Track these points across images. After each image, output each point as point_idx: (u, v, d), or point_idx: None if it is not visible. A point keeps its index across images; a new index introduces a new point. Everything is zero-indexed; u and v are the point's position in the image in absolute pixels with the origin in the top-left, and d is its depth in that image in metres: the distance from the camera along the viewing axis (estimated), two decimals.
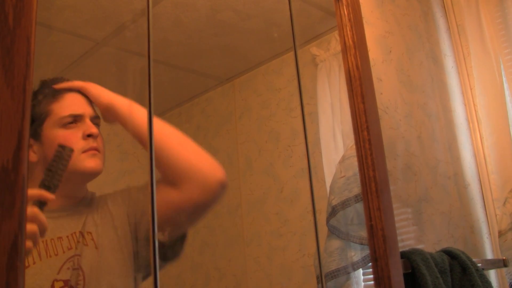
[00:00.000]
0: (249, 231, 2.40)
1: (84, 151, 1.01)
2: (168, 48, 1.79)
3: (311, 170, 1.28)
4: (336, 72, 2.11)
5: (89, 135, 1.02)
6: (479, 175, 1.90)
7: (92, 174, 1.04)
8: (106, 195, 1.11)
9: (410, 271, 1.24)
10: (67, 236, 0.99)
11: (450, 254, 1.39)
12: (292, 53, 2.35)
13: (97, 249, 1.01)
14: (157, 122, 1.04)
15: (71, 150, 0.95)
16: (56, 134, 1.00)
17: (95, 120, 1.06)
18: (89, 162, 1.01)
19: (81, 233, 1.01)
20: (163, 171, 1.03)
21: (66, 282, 0.94)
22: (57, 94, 1.04)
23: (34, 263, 0.92)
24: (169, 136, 1.06)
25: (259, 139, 2.42)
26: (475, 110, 1.95)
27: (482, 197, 1.88)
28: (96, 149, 1.02)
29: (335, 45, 2.15)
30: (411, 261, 1.25)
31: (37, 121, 1.00)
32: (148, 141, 0.94)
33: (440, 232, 1.63)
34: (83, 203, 1.07)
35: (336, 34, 2.15)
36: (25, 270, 0.75)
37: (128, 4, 1.59)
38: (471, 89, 1.97)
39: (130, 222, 1.05)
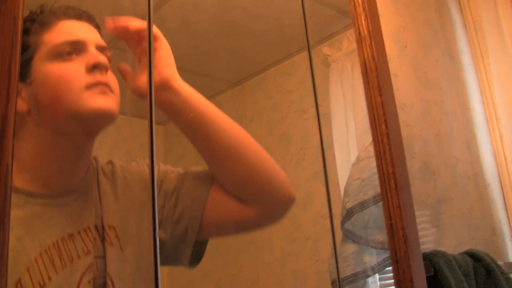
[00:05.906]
0: (261, 237, 2.35)
1: (89, 87, 0.74)
2: (175, 51, 1.74)
3: (327, 173, 1.23)
4: (348, 72, 2.05)
5: (95, 66, 0.75)
6: (499, 175, 1.84)
7: (102, 117, 0.75)
8: (126, 168, 0.87)
9: (432, 273, 1.19)
10: (79, 232, 0.75)
11: (473, 256, 1.33)
12: (303, 54, 2.31)
13: (123, 251, 0.77)
14: (233, 125, 0.83)
15: None
16: (49, 68, 0.74)
17: (103, 50, 0.79)
18: (97, 100, 0.74)
19: (97, 228, 0.77)
20: (235, 185, 0.83)
21: None
22: (51, 20, 0.77)
23: (49, 279, 0.69)
24: (246, 144, 0.83)
25: (270, 143, 2.37)
26: (494, 108, 1.89)
27: (503, 198, 1.81)
28: (105, 84, 0.76)
29: (347, 45, 2.10)
30: (434, 263, 1.20)
31: (24, 58, 0.74)
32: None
33: (461, 234, 1.57)
34: (91, 174, 0.82)
35: (348, 33, 2.11)
36: None
37: (133, 6, 1.55)
38: (489, 86, 1.91)
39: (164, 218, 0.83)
